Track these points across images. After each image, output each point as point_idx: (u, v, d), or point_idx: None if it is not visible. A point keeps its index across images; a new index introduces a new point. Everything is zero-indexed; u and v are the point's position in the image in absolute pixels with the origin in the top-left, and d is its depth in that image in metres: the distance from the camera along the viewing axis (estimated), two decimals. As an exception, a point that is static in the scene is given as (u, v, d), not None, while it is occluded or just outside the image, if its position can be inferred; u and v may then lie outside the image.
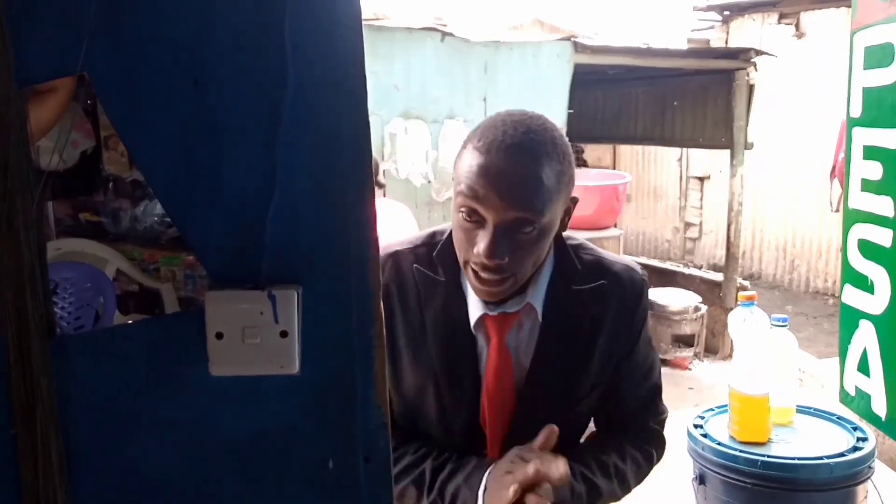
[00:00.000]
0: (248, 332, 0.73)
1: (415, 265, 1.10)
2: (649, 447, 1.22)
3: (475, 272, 0.99)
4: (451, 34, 4.06)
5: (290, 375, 0.76)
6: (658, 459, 1.25)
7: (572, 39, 4.42)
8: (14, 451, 0.72)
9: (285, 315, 0.73)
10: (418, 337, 1.09)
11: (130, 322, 0.74)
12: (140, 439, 0.78)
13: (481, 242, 0.95)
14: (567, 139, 1.03)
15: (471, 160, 0.97)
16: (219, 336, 0.74)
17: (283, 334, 0.74)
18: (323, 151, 0.74)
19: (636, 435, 1.22)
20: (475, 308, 1.07)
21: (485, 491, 1.02)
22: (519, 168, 0.95)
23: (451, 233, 1.07)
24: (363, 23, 0.74)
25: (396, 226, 2.98)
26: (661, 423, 1.26)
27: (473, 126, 4.40)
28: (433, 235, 1.14)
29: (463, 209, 0.97)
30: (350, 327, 0.79)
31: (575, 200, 1.06)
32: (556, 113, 4.35)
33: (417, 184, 3.90)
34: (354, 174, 0.76)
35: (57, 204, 0.72)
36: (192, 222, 0.74)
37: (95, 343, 0.76)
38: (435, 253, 1.10)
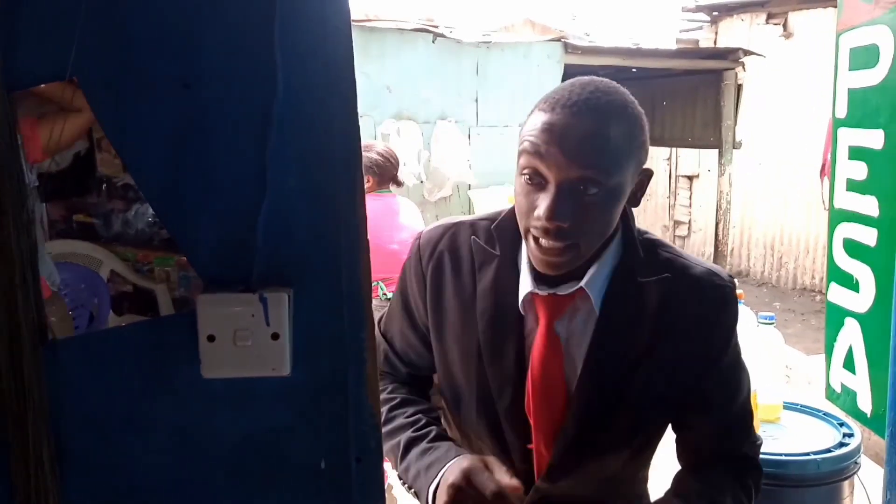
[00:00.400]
0: (240, 335, 0.73)
1: (472, 237, 1.06)
2: (749, 481, 1.08)
3: (535, 239, 0.93)
4: (442, 35, 4.06)
5: (282, 377, 0.77)
6: (757, 494, 1.09)
7: (562, 40, 4.43)
8: (6, 456, 0.72)
9: (277, 317, 0.74)
10: (467, 309, 1.05)
11: (122, 325, 0.74)
12: (133, 442, 0.78)
13: (542, 204, 0.89)
14: (641, 110, 0.96)
15: (535, 119, 0.91)
16: (210, 339, 0.74)
17: (275, 336, 0.74)
18: (314, 154, 0.75)
19: (734, 467, 1.08)
20: (525, 285, 1.01)
21: (436, 489, 0.98)
22: (584, 123, 0.88)
23: (513, 208, 1.01)
24: (354, 24, 0.74)
25: (414, 223, 3.02)
26: (757, 451, 1.12)
27: (465, 127, 4.41)
28: (498, 213, 1.09)
29: (525, 171, 0.91)
30: (342, 329, 0.79)
31: (648, 174, 0.98)
32: (546, 113, 4.37)
33: (410, 184, 3.91)
34: (345, 176, 0.76)
35: (51, 206, 0.72)
36: (182, 225, 0.74)
37: (87, 347, 0.76)
38: (493, 225, 1.06)
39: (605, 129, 0.89)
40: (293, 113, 0.73)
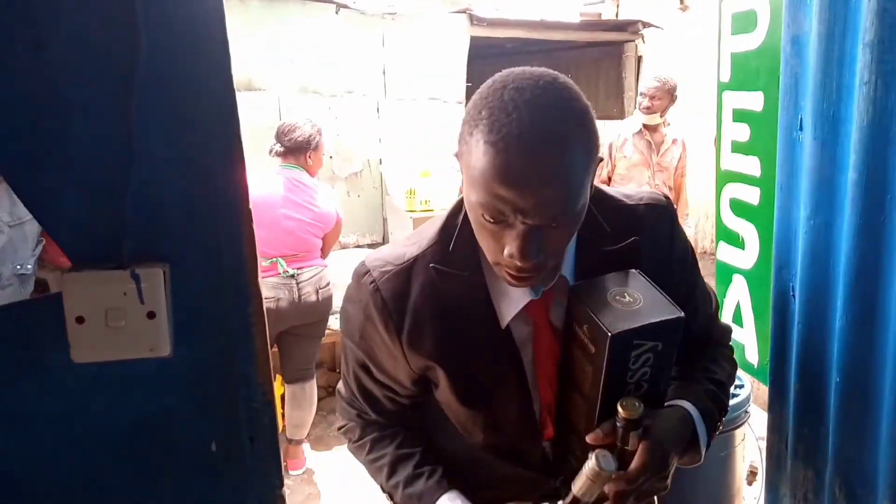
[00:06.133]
0: (112, 315, 0.69)
1: (432, 265, 0.98)
2: (730, 352, 1.15)
3: (509, 273, 0.88)
4: (345, 6, 3.96)
5: (163, 358, 0.73)
6: (734, 370, 1.15)
7: (468, 12, 4.42)
8: None
9: (152, 295, 0.70)
10: (451, 343, 0.99)
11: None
12: (5, 435, 0.73)
13: (511, 245, 0.83)
14: (583, 96, 0.87)
15: (485, 160, 0.80)
16: (80, 320, 0.69)
17: (151, 315, 0.70)
18: (184, 120, 0.70)
19: (717, 345, 1.13)
20: (509, 307, 0.97)
21: None
22: (547, 168, 0.79)
23: (461, 226, 0.97)
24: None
25: (320, 202, 2.93)
26: (728, 336, 1.18)
27: (373, 101, 4.25)
28: (444, 229, 1.00)
29: (484, 212, 0.84)
30: (225, 305, 0.75)
31: (600, 161, 0.90)
32: (454, 85, 4.35)
33: (317, 159, 3.81)
34: (221, 143, 0.72)
35: None
36: (42, 199, 0.68)
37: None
38: (451, 248, 0.98)
39: (568, 164, 0.80)
40: (159, 75, 0.68)
